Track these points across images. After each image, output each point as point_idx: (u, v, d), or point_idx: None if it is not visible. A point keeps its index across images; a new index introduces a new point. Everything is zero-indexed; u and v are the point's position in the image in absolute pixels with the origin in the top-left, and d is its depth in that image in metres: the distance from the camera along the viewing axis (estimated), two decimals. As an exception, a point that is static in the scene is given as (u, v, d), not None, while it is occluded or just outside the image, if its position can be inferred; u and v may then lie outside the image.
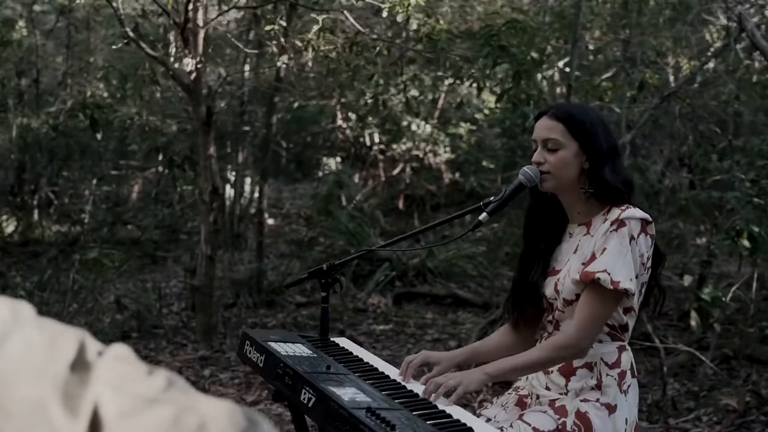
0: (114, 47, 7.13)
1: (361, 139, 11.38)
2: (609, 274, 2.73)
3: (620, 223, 2.77)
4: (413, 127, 10.87)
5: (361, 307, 8.39)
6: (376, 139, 11.22)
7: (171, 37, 7.24)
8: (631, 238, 2.76)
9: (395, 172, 12.15)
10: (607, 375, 2.84)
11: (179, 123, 8.22)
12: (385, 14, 6.37)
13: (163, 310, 7.97)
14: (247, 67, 9.55)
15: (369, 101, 8.17)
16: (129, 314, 7.78)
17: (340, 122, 11.56)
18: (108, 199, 11.03)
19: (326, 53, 6.22)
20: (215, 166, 6.85)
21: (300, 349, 3.08)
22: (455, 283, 9.09)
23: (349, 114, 11.16)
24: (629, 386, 2.87)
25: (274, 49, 6.28)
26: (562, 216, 3.00)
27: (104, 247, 9.16)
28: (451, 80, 7.07)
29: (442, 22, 6.19)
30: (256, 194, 10.28)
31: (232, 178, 10.49)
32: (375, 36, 6.40)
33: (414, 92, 9.61)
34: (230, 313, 8.11)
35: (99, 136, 7.16)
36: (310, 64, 6.46)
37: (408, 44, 6.26)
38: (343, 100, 9.87)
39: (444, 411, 2.64)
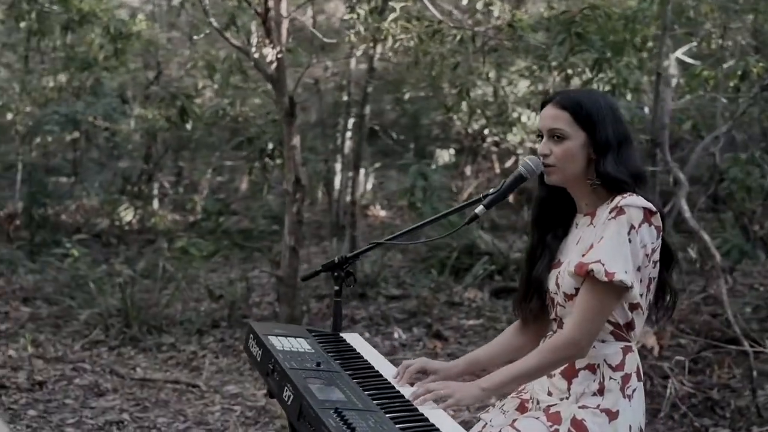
0: (195, 37, 7.18)
1: (469, 131, 11.19)
2: (603, 264, 2.54)
3: (619, 210, 2.58)
4: (523, 119, 10.61)
5: (456, 301, 8.24)
6: (486, 131, 11.01)
7: (252, 27, 7.23)
8: (631, 227, 2.56)
9: (508, 164, 11.92)
10: (610, 378, 2.65)
11: (268, 113, 8.25)
12: (465, 1, 6.23)
13: (254, 300, 8.02)
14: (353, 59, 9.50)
15: (454, 92, 8.00)
16: (222, 304, 7.87)
17: (451, 114, 11.39)
18: (219, 189, 11.20)
19: (404, 42, 6.10)
20: (299, 157, 6.82)
21: (299, 345, 2.99)
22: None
23: (462, 105, 10.98)
24: (634, 390, 2.67)
25: (353, 38, 6.19)
26: (571, 206, 2.81)
27: (208, 236, 9.34)
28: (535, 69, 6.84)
29: (524, 9, 5.99)
30: (365, 186, 10.26)
31: (338, 169, 10.48)
32: (455, 24, 6.23)
33: (505, 83, 9.41)
34: (323, 304, 8.09)
35: (189, 126, 7.23)
36: (391, 54, 6.34)
37: (490, 32, 6.06)
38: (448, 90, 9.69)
39: (423, 416, 2.50)
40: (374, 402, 2.57)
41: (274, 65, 6.44)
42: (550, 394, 2.73)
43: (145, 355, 6.93)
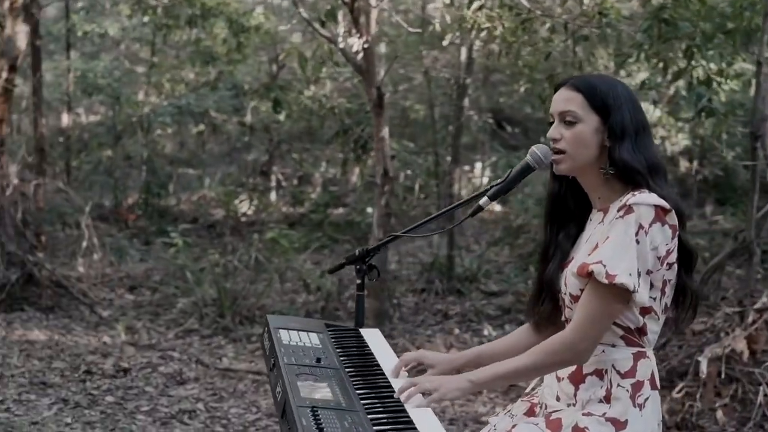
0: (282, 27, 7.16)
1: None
2: (605, 266, 2.35)
3: (627, 209, 2.38)
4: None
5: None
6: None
7: (339, 16, 7.16)
8: (639, 227, 2.36)
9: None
10: (618, 386, 2.46)
11: (362, 104, 8.18)
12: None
13: (351, 292, 7.97)
14: (463, 51, 9.35)
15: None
16: (319, 296, 7.87)
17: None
18: (332, 181, 11.23)
19: (491, 31, 5.93)
20: (388, 149, 6.74)
21: (308, 340, 2.90)
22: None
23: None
24: (647, 399, 2.47)
25: (438, 27, 6.06)
26: (585, 201, 2.63)
27: (316, 228, 9.36)
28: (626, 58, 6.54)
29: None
30: (481, 179, 10.09)
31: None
32: (544, 12, 6.02)
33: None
34: (418, 298, 7.99)
35: (282, 116, 7.23)
36: (479, 43, 6.18)
37: (579, 21, 5.83)
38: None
39: (406, 417, 2.38)
40: (362, 401, 2.47)
41: (361, 55, 6.36)
42: (558, 399, 2.56)
43: (234, 345, 6.97)
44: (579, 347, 2.42)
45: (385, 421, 2.35)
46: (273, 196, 12.45)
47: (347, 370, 2.70)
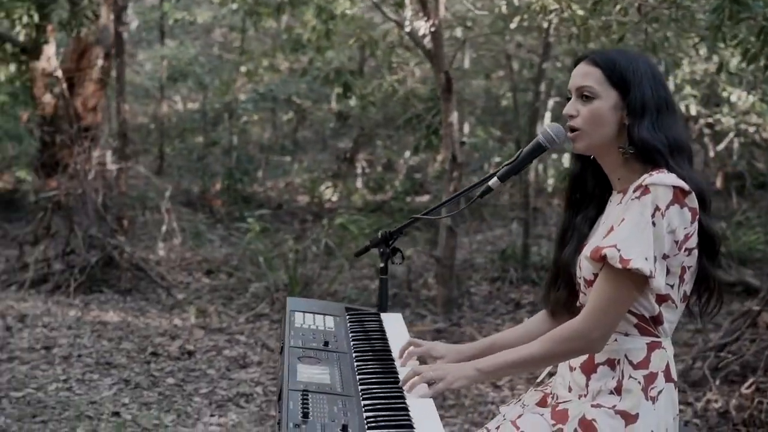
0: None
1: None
2: (619, 250, 2.23)
3: (644, 189, 2.26)
4: (733, 98, 9.87)
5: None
6: (693, 111, 10.32)
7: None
8: (656, 208, 2.24)
9: (720, 147, 11.15)
10: (630, 377, 2.34)
11: (433, 89, 8.06)
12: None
13: (426, 279, 7.91)
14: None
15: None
16: (390, 283, 7.80)
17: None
18: (413, 168, 11.16)
19: (559, 12, 5.76)
20: (456, 134, 6.63)
21: (321, 323, 2.85)
22: (752, 270, 8.17)
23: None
24: (660, 392, 2.34)
25: (504, 9, 5.92)
26: (607, 183, 2.50)
27: (398, 214, 9.29)
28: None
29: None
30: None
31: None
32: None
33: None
34: (492, 287, 7.87)
35: (352, 102, 7.18)
36: (545, 24, 6.02)
37: (652, 1, 5.62)
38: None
39: (402, 404, 2.30)
40: (361, 386, 2.40)
41: (428, 39, 6.27)
42: (570, 390, 2.45)
43: (302, 330, 6.95)
44: (591, 336, 2.30)
45: (378, 406, 2.28)
46: (359, 182, 12.45)
47: (355, 354, 2.64)
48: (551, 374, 2.68)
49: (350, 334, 2.80)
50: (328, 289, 7.58)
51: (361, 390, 2.38)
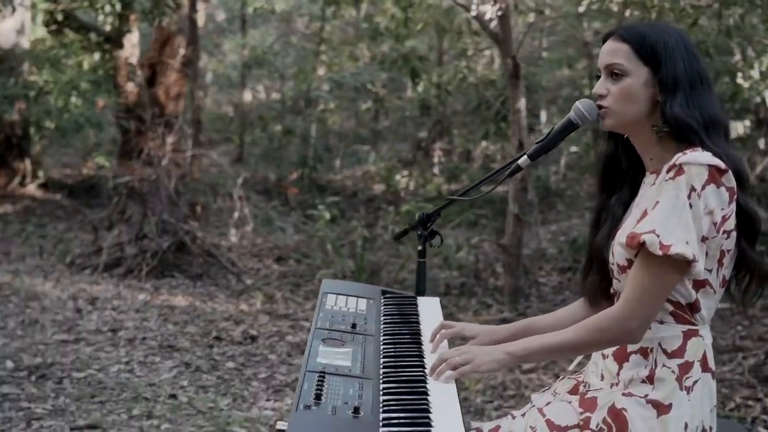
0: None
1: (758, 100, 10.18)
2: (657, 236, 2.12)
3: (678, 170, 2.14)
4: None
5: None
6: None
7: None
8: (691, 189, 2.12)
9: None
10: (664, 366, 2.23)
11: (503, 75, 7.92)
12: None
13: (495, 268, 7.80)
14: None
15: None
16: (462, 272, 7.73)
17: (740, 81, 10.44)
18: (489, 158, 11.03)
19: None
20: (524, 120, 6.50)
21: (354, 305, 2.80)
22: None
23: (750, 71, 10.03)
24: (696, 382, 2.23)
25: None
26: (641, 163, 2.39)
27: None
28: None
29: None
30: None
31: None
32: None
33: None
34: (563, 278, 7.72)
35: (420, 88, 7.10)
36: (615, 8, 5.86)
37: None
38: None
39: (423, 388, 2.24)
40: (383, 370, 2.34)
41: (494, 23, 6.16)
42: (602, 378, 2.35)
43: (367, 317, 6.92)
44: (629, 325, 2.19)
45: (397, 390, 2.22)
46: (436, 171, 12.37)
47: (383, 337, 2.58)
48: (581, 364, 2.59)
49: (382, 317, 2.74)
50: (396, 277, 7.53)
51: (383, 373, 2.31)
